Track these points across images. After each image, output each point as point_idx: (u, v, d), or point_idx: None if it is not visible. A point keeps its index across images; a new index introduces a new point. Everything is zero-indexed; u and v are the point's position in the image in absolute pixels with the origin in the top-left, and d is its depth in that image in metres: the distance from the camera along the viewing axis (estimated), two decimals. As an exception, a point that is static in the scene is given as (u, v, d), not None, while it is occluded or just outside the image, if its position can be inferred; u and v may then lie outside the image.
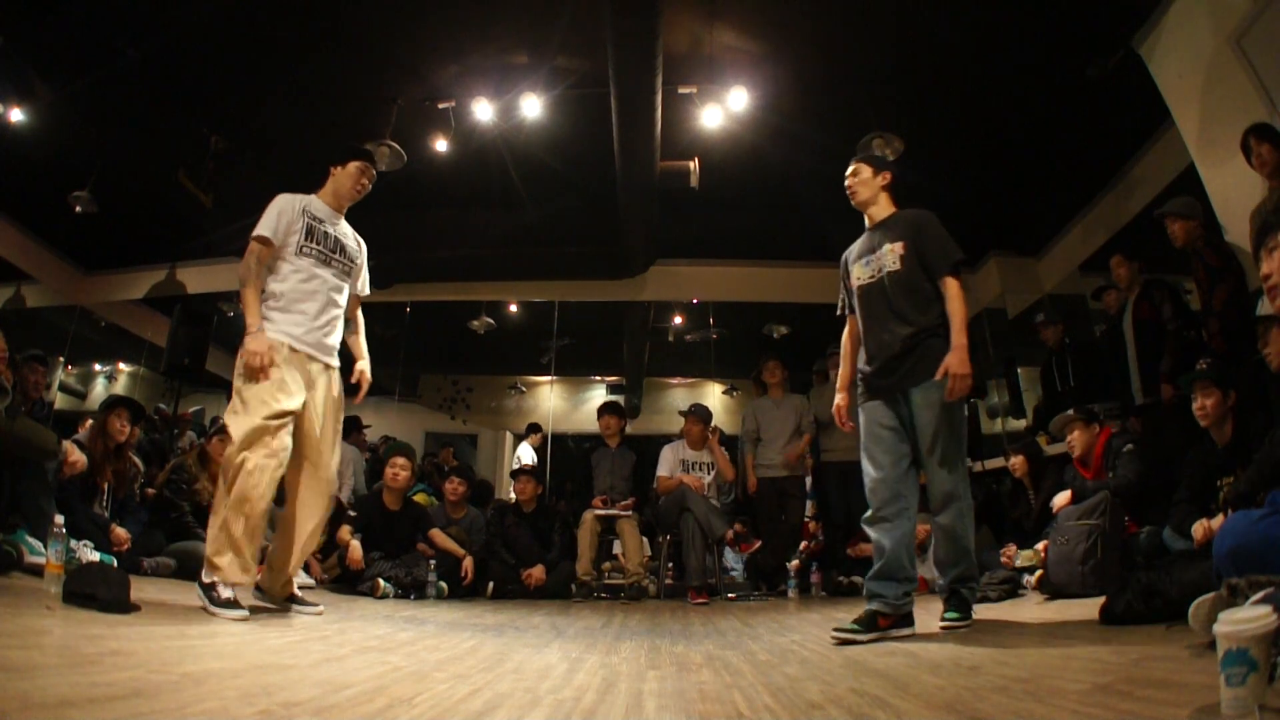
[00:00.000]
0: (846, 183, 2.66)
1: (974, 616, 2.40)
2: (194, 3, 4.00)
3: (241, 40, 4.37)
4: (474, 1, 4.15)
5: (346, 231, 2.89)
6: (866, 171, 2.64)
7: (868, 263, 2.59)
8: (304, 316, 2.65)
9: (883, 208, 2.64)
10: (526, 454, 7.13)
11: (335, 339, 2.78)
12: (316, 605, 2.76)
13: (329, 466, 2.72)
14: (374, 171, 2.90)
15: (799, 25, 4.32)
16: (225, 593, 2.34)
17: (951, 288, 2.42)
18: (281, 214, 2.67)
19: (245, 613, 2.30)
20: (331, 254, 2.77)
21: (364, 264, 2.96)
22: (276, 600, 2.70)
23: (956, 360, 2.30)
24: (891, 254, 2.51)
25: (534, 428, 7.51)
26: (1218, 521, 2.60)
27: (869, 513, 2.46)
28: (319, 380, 2.69)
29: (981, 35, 4.20)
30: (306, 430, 2.63)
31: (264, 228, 2.63)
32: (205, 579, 2.37)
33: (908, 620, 2.35)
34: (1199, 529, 2.57)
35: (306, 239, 2.70)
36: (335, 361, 2.77)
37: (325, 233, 2.77)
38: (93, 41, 4.29)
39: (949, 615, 2.38)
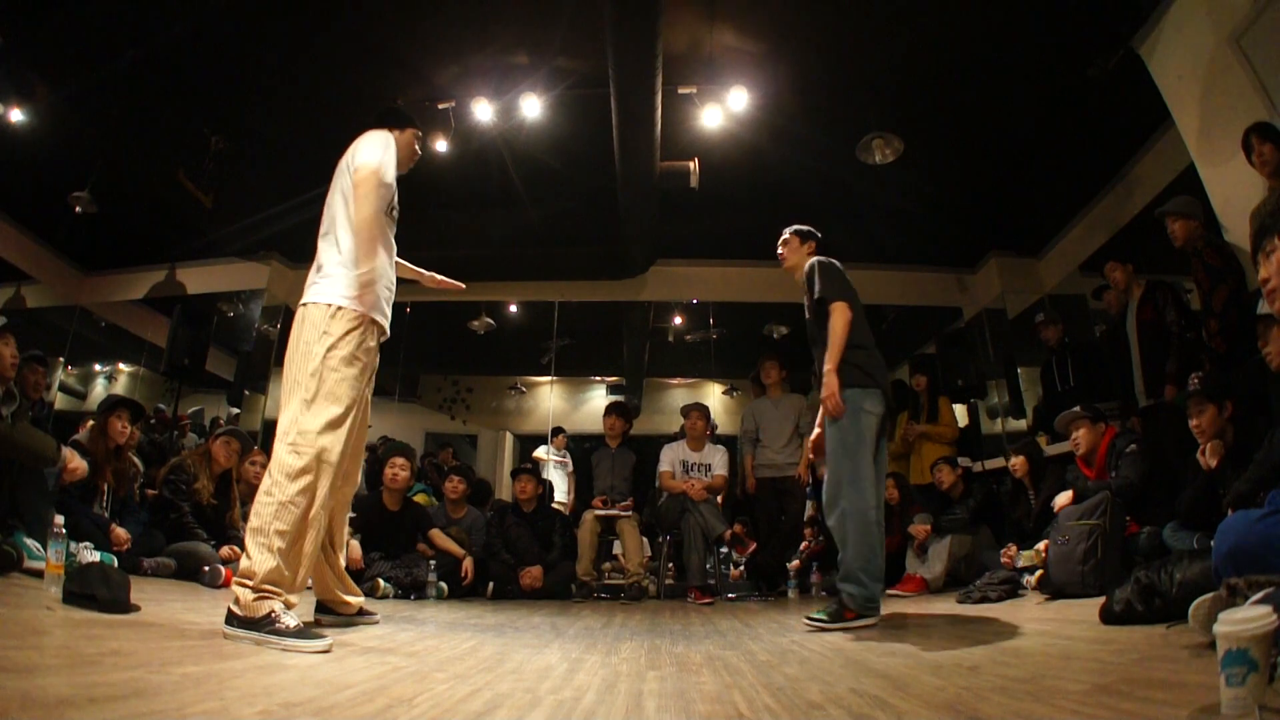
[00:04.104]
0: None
1: (847, 625, 2.48)
2: (194, 3, 4.00)
3: (241, 40, 4.36)
4: (474, 1, 4.15)
5: None
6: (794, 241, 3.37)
7: None
8: (388, 291, 2.37)
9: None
10: (551, 455, 6.99)
11: None
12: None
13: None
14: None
15: (799, 25, 4.32)
16: (290, 620, 1.86)
17: None
18: (391, 162, 2.32)
19: (329, 641, 1.83)
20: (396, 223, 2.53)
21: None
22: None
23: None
24: None
25: (557, 430, 7.45)
26: (1207, 418, 2.74)
27: None
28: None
29: (981, 35, 4.20)
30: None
31: (387, 170, 2.29)
32: (257, 611, 1.84)
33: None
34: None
35: (394, 204, 2.42)
36: None
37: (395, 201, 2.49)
38: (93, 41, 4.29)
39: (814, 614, 2.60)
